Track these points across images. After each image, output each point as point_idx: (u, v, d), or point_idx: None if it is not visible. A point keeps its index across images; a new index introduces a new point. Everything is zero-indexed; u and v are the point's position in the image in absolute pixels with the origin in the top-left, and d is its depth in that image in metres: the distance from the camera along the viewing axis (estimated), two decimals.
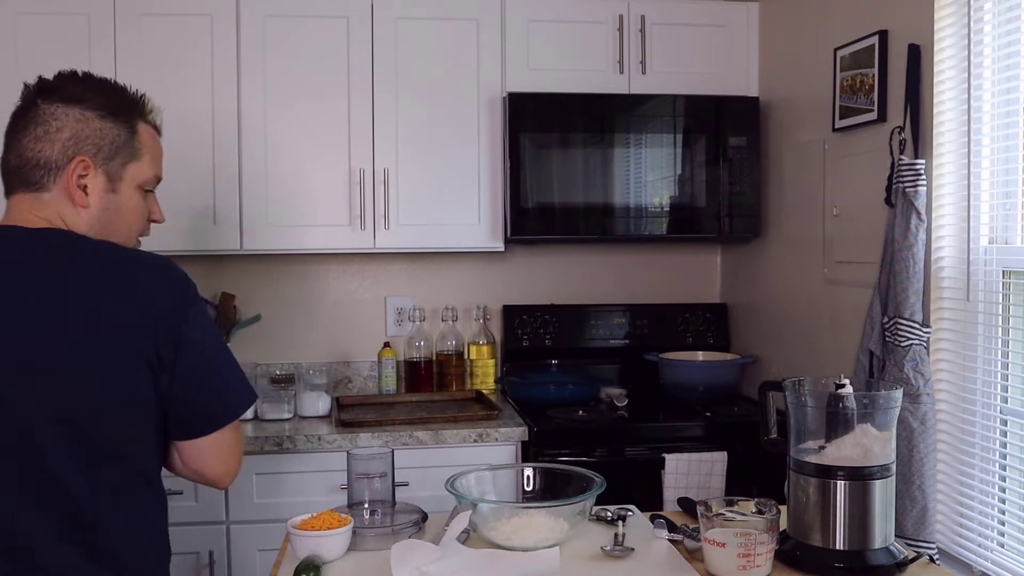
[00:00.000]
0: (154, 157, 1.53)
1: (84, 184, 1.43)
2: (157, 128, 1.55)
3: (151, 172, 1.52)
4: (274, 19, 2.85)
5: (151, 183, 1.53)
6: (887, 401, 1.53)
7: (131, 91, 1.52)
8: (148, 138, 1.51)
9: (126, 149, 1.47)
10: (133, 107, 1.49)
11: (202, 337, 1.41)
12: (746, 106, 3.02)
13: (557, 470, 1.77)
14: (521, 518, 1.58)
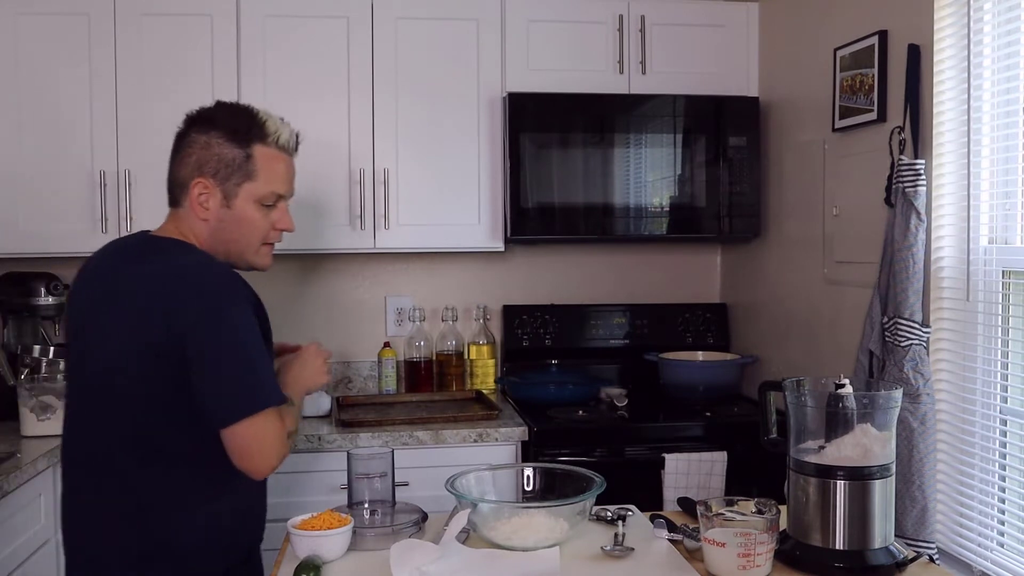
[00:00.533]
0: (270, 177, 1.70)
1: (204, 200, 1.69)
2: (285, 148, 1.73)
3: (266, 189, 1.70)
4: (274, 19, 2.85)
5: (269, 199, 1.71)
6: (887, 401, 1.53)
7: (258, 117, 1.71)
8: (265, 160, 1.70)
9: (241, 171, 1.69)
10: (251, 132, 1.69)
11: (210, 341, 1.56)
12: (746, 106, 3.02)
13: (557, 470, 1.77)
14: (521, 518, 1.58)
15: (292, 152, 1.76)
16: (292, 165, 1.77)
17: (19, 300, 2.88)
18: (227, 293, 1.61)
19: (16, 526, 2.24)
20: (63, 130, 2.78)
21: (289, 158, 1.75)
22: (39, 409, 2.57)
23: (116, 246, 1.78)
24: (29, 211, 2.77)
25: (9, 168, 2.76)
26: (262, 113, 1.73)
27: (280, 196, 1.74)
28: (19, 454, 2.36)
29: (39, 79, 2.76)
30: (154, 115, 2.81)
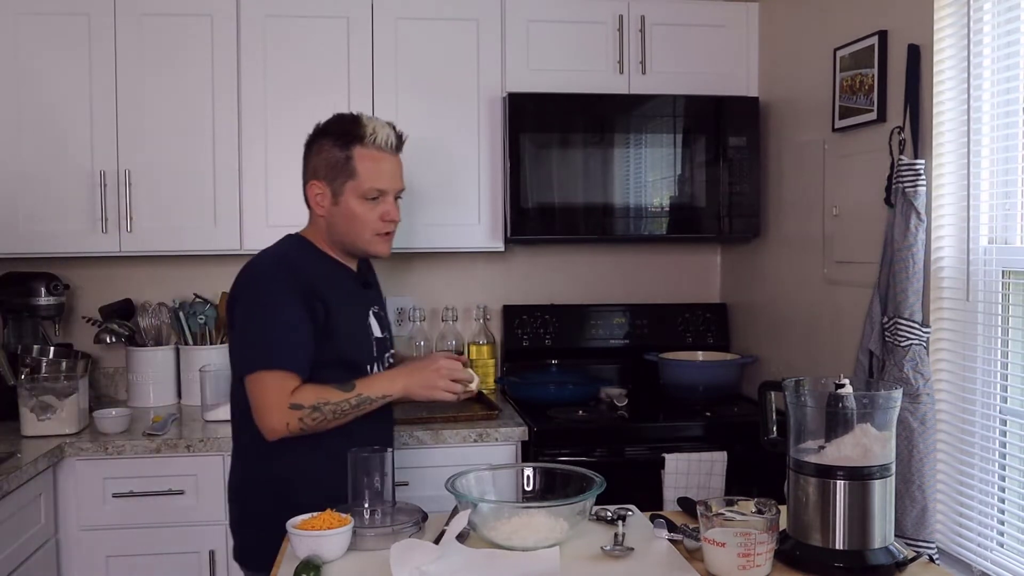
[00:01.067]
0: (370, 174, 1.92)
1: (319, 200, 1.97)
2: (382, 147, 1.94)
3: (367, 186, 1.92)
4: (274, 19, 2.86)
5: (371, 194, 1.93)
6: (887, 401, 1.53)
7: (359, 121, 1.94)
8: (364, 160, 1.92)
9: (344, 171, 1.93)
10: (350, 136, 1.92)
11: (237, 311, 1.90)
12: (746, 106, 3.02)
13: (557, 470, 1.77)
14: (521, 518, 1.58)
15: (392, 150, 1.96)
16: (393, 162, 1.97)
17: (19, 300, 2.88)
18: (263, 274, 1.90)
19: (16, 526, 2.25)
20: (63, 130, 2.78)
21: (389, 156, 1.96)
22: (39, 409, 2.57)
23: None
24: (29, 211, 2.77)
25: (9, 168, 2.76)
26: (364, 118, 1.95)
27: (381, 191, 1.94)
28: (19, 454, 2.36)
29: (39, 79, 2.76)
30: (154, 115, 2.81)
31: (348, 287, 2.02)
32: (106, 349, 3.11)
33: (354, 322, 2.00)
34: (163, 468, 2.53)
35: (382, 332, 2.09)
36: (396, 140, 1.97)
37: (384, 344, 2.09)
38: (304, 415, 1.83)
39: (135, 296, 3.13)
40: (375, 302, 2.10)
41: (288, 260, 1.95)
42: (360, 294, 2.06)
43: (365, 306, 2.05)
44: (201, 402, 2.82)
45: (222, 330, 3.10)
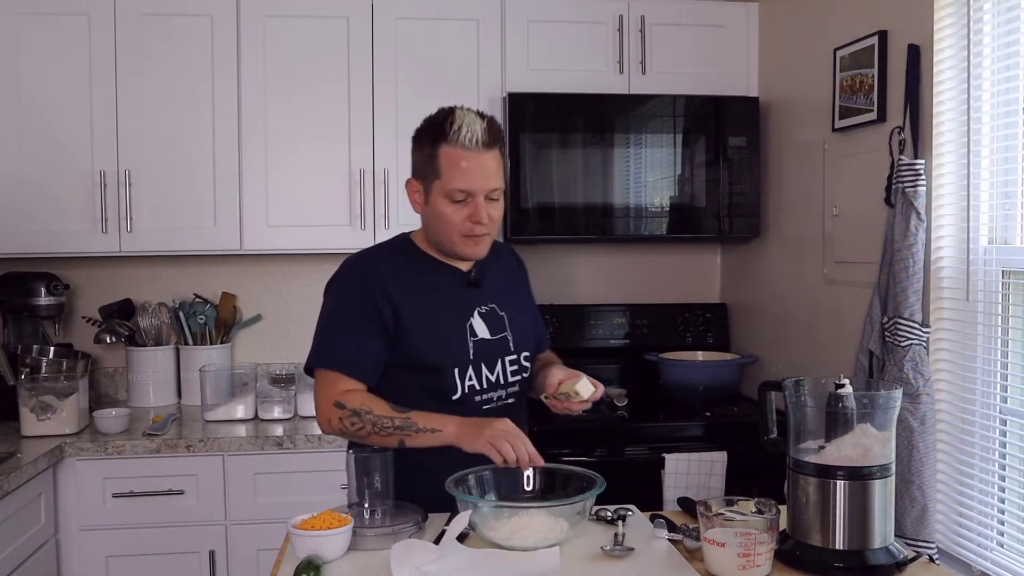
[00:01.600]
0: (453, 174, 1.82)
1: (416, 199, 1.93)
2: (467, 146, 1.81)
3: (450, 186, 1.82)
4: (274, 19, 2.85)
5: (456, 195, 1.83)
6: (887, 401, 1.53)
7: (449, 117, 1.84)
8: (448, 158, 1.82)
9: (431, 171, 1.85)
10: (437, 133, 1.84)
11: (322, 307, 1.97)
12: (746, 106, 3.02)
13: (557, 470, 1.76)
14: (521, 518, 1.58)
15: (478, 147, 1.80)
16: (481, 161, 1.81)
17: (19, 300, 2.88)
18: (339, 277, 1.94)
19: (16, 526, 2.25)
20: (63, 130, 2.78)
21: (476, 154, 1.81)
22: (39, 409, 2.57)
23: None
24: (29, 211, 2.77)
25: (9, 168, 2.76)
26: (457, 112, 1.84)
27: (465, 192, 1.82)
28: (19, 454, 2.36)
29: (39, 79, 2.76)
30: (154, 115, 2.81)
31: (443, 286, 1.92)
32: (106, 349, 3.11)
33: (440, 323, 1.88)
34: (163, 468, 2.53)
35: (493, 334, 1.94)
36: (484, 136, 1.81)
37: (493, 346, 1.92)
38: (344, 416, 1.80)
39: (135, 296, 3.13)
40: (484, 302, 1.94)
41: (366, 261, 1.93)
42: (460, 293, 1.92)
43: (466, 306, 1.91)
44: (201, 402, 2.82)
45: (222, 330, 3.11)
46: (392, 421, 1.77)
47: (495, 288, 1.97)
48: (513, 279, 2.06)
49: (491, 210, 1.85)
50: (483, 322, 1.92)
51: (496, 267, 2.01)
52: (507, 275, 2.05)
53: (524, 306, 2.05)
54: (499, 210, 1.88)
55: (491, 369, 1.93)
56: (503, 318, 1.95)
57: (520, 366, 1.97)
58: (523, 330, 1.99)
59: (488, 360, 1.92)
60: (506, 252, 2.10)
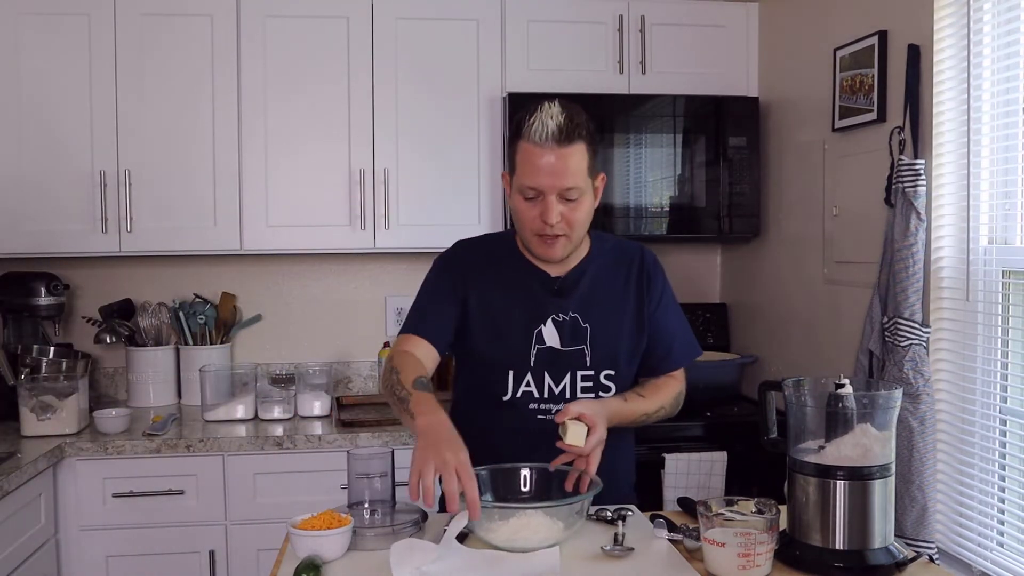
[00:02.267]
0: (525, 170, 1.76)
1: (507, 194, 1.87)
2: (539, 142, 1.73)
3: (522, 182, 1.77)
4: (274, 19, 2.85)
5: (527, 192, 1.77)
6: (887, 401, 1.52)
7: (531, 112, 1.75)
8: (523, 155, 1.76)
9: (512, 166, 1.81)
10: (516, 130, 1.78)
11: None
12: (746, 106, 3.02)
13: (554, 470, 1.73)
14: (519, 519, 1.57)
15: (551, 143, 1.71)
16: (552, 157, 1.71)
17: (19, 300, 2.88)
18: (437, 258, 1.94)
19: (16, 526, 2.24)
20: (63, 130, 2.78)
21: (548, 150, 1.71)
22: (39, 409, 2.57)
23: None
24: (29, 211, 2.77)
25: (9, 168, 2.76)
26: (541, 107, 1.74)
27: (534, 189, 1.75)
28: (19, 454, 2.36)
29: (39, 79, 2.76)
30: (154, 115, 2.81)
31: (522, 287, 1.86)
32: (106, 349, 3.11)
33: (506, 321, 1.84)
34: (163, 468, 2.53)
35: (566, 345, 1.84)
36: (556, 132, 1.70)
37: (563, 357, 1.84)
38: (386, 371, 1.79)
39: (135, 296, 3.13)
40: (564, 311, 1.84)
41: (461, 247, 1.94)
42: (539, 298, 1.85)
43: (541, 311, 1.84)
44: (201, 402, 2.82)
45: (222, 330, 3.11)
46: (403, 389, 1.71)
47: (585, 298, 1.86)
48: (624, 290, 1.89)
49: (566, 210, 1.75)
50: (556, 331, 1.84)
51: (604, 274, 1.89)
52: (616, 285, 1.89)
53: (623, 322, 1.88)
54: (580, 211, 1.76)
55: (556, 380, 1.84)
56: (585, 331, 1.84)
57: (597, 383, 1.85)
58: (610, 347, 1.86)
59: (554, 370, 1.84)
60: (632, 259, 1.92)
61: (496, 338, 1.85)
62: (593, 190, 1.80)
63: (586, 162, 1.75)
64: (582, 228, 1.80)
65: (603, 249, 1.92)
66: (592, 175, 1.78)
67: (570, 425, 1.64)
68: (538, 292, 1.86)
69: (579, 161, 1.73)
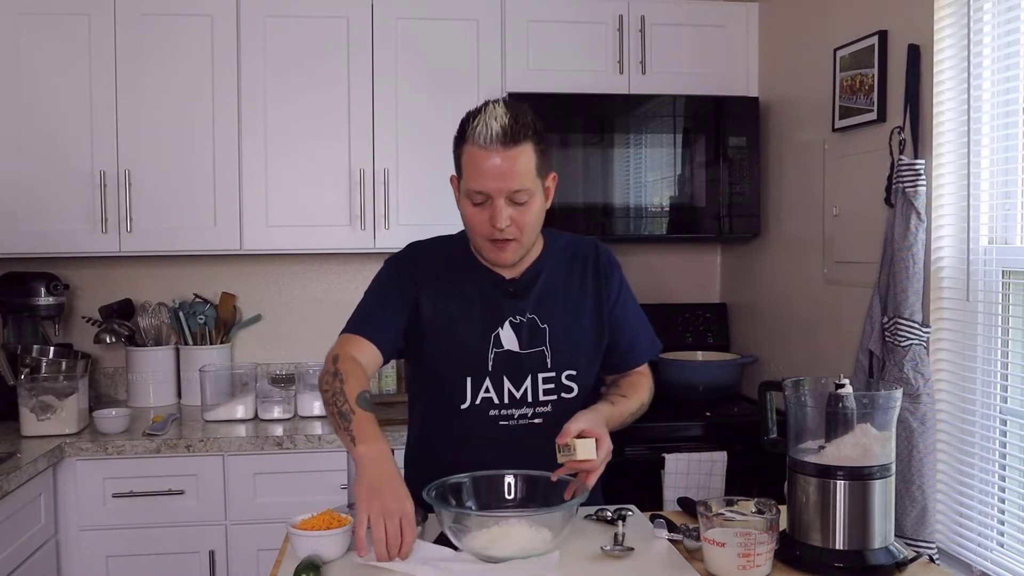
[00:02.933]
0: (471, 174, 1.70)
1: (456, 199, 1.79)
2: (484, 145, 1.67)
3: (469, 186, 1.71)
4: (274, 19, 2.85)
5: (475, 197, 1.71)
6: (887, 401, 1.53)
7: (475, 116, 1.70)
8: (468, 159, 1.70)
9: (458, 171, 1.75)
10: (461, 133, 1.72)
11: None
12: (746, 106, 3.02)
13: (540, 478, 1.67)
14: (501, 527, 1.51)
15: (496, 145, 1.65)
16: (498, 160, 1.66)
17: (19, 300, 2.88)
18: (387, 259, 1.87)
19: (16, 526, 2.25)
20: (63, 130, 2.78)
21: (493, 152, 1.65)
22: (39, 409, 2.57)
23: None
24: (29, 211, 2.77)
25: (9, 168, 2.76)
26: (485, 109, 1.69)
27: (481, 193, 1.69)
28: (19, 454, 2.36)
29: (39, 79, 2.76)
30: (154, 115, 2.81)
31: (477, 291, 1.81)
32: (106, 349, 3.11)
33: (460, 328, 1.79)
34: (163, 468, 2.53)
35: (525, 347, 1.79)
36: (501, 133, 1.64)
37: (523, 360, 1.79)
38: (327, 372, 1.70)
39: (135, 296, 3.13)
40: (522, 312, 1.80)
41: (412, 250, 1.87)
42: (494, 301, 1.80)
43: (497, 314, 1.79)
44: (201, 402, 2.82)
45: (222, 330, 3.11)
46: (345, 404, 1.62)
47: (543, 298, 1.82)
48: (580, 289, 1.86)
49: (515, 213, 1.69)
50: (514, 333, 1.79)
51: (558, 274, 1.86)
52: (571, 283, 1.86)
53: (582, 320, 1.84)
54: (530, 213, 1.71)
55: (517, 384, 1.79)
56: (543, 331, 1.80)
57: (559, 385, 1.81)
58: (570, 346, 1.82)
59: (514, 374, 1.79)
60: (586, 256, 1.89)
61: (451, 344, 1.79)
62: (544, 190, 1.75)
63: (534, 162, 1.69)
64: (533, 230, 1.75)
65: (556, 247, 1.87)
66: (542, 175, 1.72)
67: (577, 443, 1.59)
68: (493, 295, 1.80)
69: (526, 162, 1.67)
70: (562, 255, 1.86)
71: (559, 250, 1.87)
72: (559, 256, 1.86)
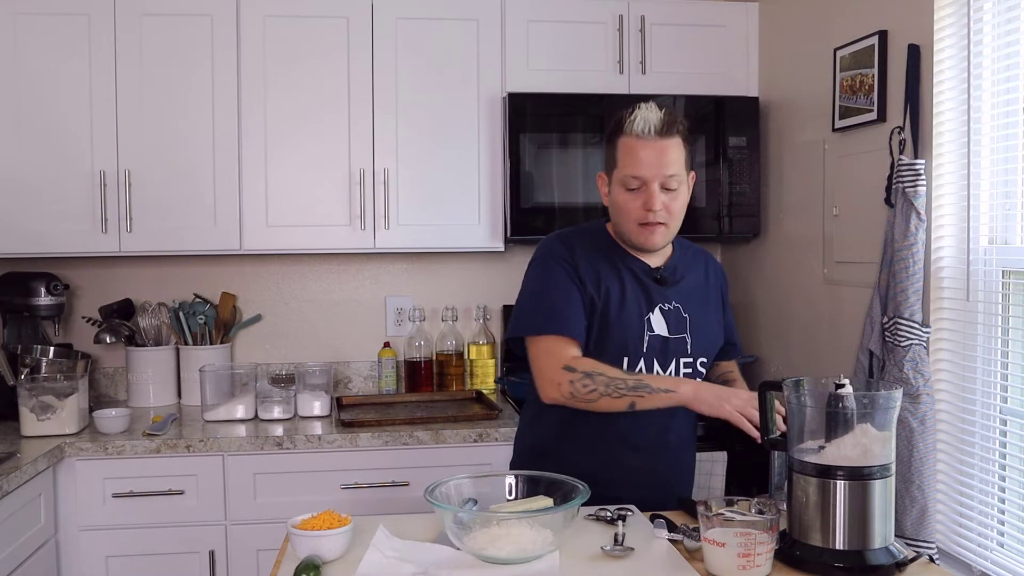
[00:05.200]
0: (627, 161, 1.88)
1: (603, 192, 1.98)
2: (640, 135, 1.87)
3: (626, 172, 1.88)
4: (274, 19, 2.86)
5: (631, 183, 1.88)
6: (887, 401, 1.53)
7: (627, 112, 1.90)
8: (625, 148, 1.89)
9: (612, 163, 1.93)
10: (614, 129, 1.93)
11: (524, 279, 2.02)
12: (746, 106, 3.02)
13: (540, 478, 1.69)
14: (501, 527, 1.52)
15: (652, 135, 1.85)
16: (654, 149, 1.85)
17: (19, 300, 2.88)
18: (539, 255, 1.97)
19: (16, 526, 2.25)
20: (63, 130, 2.78)
21: (650, 142, 1.85)
22: (39, 409, 2.57)
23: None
24: (29, 211, 2.77)
25: (9, 168, 2.76)
26: (639, 106, 1.89)
27: (637, 178, 1.86)
28: (19, 454, 2.36)
29: (39, 79, 2.76)
30: (154, 115, 2.81)
31: (629, 276, 1.94)
32: (106, 349, 3.12)
33: (620, 310, 1.91)
34: (163, 468, 2.53)
35: (672, 332, 1.95)
36: (659, 124, 1.85)
37: (670, 345, 1.94)
38: (576, 379, 1.82)
39: (135, 296, 3.13)
40: (668, 299, 1.95)
41: (569, 237, 1.99)
42: (645, 286, 1.94)
43: (648, 300, 1.94)
44: (201, 402, 2.82)
45: (222, 330, 3.11)
46: (625, 383, 1.81)
47: (683, 289, 1.98)
48: (706, 286, 2.05)
49: (667, 200, 1.87)
50: (663, 319, 1.94)
51: (690, 270, 2.03)
52: (701, 280, 2.04)
53: (711, 313, 2.03)
54: (678, 202, 1.89)
55: (664, 367, 1.94)
56: (686, 320, 1.96)
57: (695, 371, 1.98)
58: (706, 336, 2.00)
59: (662, 357, 1.94)
60: (707, 260, 2.10)
61: (615, 324, 1.91)
62: (688, 186, 1.92)
63: (683, 156, 1.89)
64: (679, 219, 1.92)
65: (683, 247, 2.05)
66: (687, 169, 1.91)
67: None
68: (644, 281, 1.95)
69: (678, 153, 1.87)
70: (690, 254, 2.05)
71: (686, 250, 2.06)
72: (687, 255, 2.04)
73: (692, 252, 2.07)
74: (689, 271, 2.02)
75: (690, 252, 2.06)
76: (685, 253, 2.04)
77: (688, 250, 2.06)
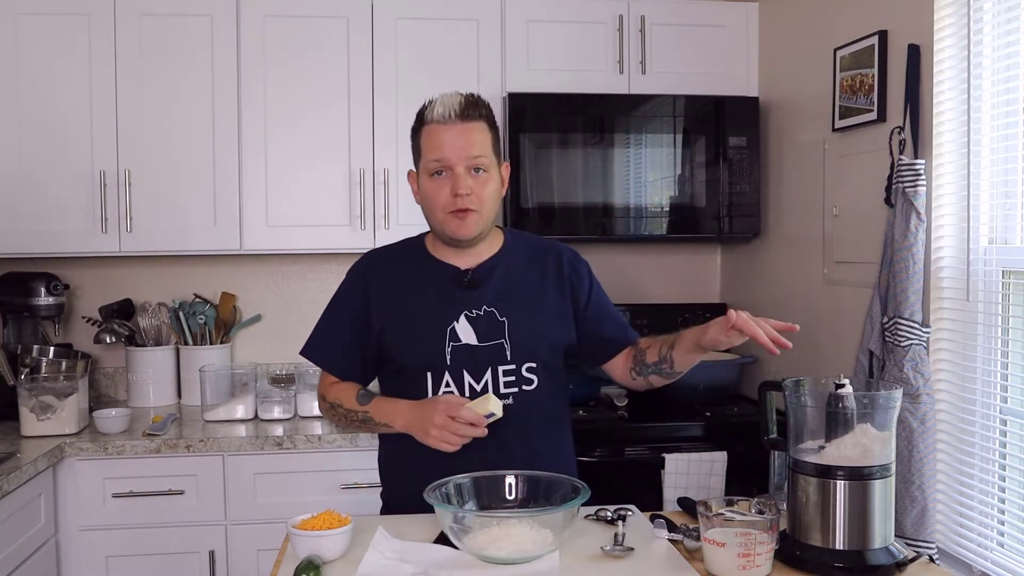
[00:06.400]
0: (432, 147, 1.81)
1: (414, 190, 1.91)
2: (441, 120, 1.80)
3: (429, 158, 1.82)
4: (274, 19, 2.85)
5: (432, 167, 1.81)
6: (887, 401, 1.53)
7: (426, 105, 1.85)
8: (427, 136, 1.83)
9: (417, 154, 1.87)
10: (418, 121, 1.86)
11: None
12: (746, 106, 3.02)
13: (541, 477, 1.67)
14: (501, 527, 1.51)
15: (453, 119, 1.79)
16: (457, 131, 1.79)
17: (19, 300, 2.88)
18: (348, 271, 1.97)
19: (16, 526, 2.25)
20: (63, 130, 2.78)
21: (449, 126, 1.79)
22: (39, 409, 2.57)
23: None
24: (29, 211, 2.77)
25: (9, 168, 2.76)
26: (440, 96, 1.83)
27: (440, 161, 1.80)
28: (19, 454, 2.36)
29: (39, 79, 2.76)
30: (154, 115, 2.81)
31: (431, 286, 1.86)
32: (106, 349, 3.11)
33: (416, 325, 1.83)
34: (163, 468, 2.53)
35: (483, 340, 1.82)
36: (458, 108, 1.78)
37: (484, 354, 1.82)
38: (325, 408, 1.95)
39: (135, 296, 3.13)
40: (477, 305, 1.83)
41: (376, 255, 1.98)
42: (449, 295, 1.84)
43: (452, 309, 1.83)
44: (201, 402, 2.82)
45: (222, 330, 3.11)
46: (356, 415, 1.86)
47: (502, 291, 1.85)
48: (544, 282, 1.90)
49: (475, 184, 1.79)
50: (470, 327, 1.82)
51: (518, 268, 1.89)
52: (535, 278, 1.90)
53: (543, 313, 1.87)
54: (488, 187, 1.81)
55: (477, 377, 1.82)
56: (502, 324, 1.83)
57: (520, 377, 1.84)
58: (531, 339, 1.84)
59: (473, 367, 1.82)
60: (553, 253, 1.94)
61: (409, 341, 1.85)
62: (500, 175, 1.85)
63: (490, 140, 1.82)
64: (492, 206, 1.83)
65: (517, 244, 1.94)
66: (497, 156, 1.84)
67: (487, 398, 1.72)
68: (448, 289, 1.86)
69: (482, 137, 1.81)
70: (522, 252, 1.93)
71: (520, 247, 1.94)
72: (520, 252, 1.92)
73: (531, 248, 1.93)
74: (516, 269, 1.89)
75: (524, 248, 1.92)
76: (516, 250, 1.91)
77: (523, 246, 1.93)
